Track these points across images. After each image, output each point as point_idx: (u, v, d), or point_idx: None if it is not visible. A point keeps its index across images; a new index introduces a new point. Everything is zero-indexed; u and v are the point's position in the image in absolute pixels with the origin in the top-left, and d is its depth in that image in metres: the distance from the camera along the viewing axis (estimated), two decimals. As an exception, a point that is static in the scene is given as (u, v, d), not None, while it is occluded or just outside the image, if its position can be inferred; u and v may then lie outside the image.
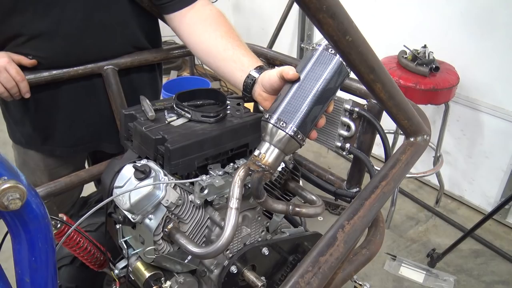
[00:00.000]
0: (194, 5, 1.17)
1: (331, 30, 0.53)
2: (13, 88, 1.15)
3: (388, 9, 2.76)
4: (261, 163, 0.78)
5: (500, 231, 2.59)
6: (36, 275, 0.41)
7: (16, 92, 1.17)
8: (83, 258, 1.08)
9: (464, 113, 2.59)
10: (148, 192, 0.86)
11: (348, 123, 1.01)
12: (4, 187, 0.35)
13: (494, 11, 2.28)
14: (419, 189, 2.96)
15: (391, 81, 0.69)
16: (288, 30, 3.47)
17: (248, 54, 1.03)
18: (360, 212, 0.66)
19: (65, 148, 1.37)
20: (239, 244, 1.02)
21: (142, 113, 1.00)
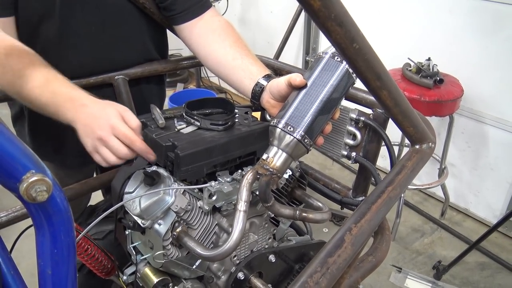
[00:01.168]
0: (203, 16, 1.20)
1: (339, 38, 0.55)
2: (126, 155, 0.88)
3: (392, 22, 2.80)
4: (269, 166, 0.80)
5: (506, 244, 2.57)
6: (57, 268, 0.42)
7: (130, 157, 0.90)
8: (91, 265, 1.10)
9: (469, 125, 2.60)
10: (158, 197, 0.87)
11: (354, 132, 1.03)
12: (33, 179, 0.37)
13: (497, 23, 2.30)
14: (424, 201, 2.95)
15: (397, 89, 0.71)
16: (293, 44, 3.51)
17: (256, 63, 1.06)
18: (367, 215, 0.67)
19: (76, 158, 1.38)
20: (246, 251, 1.03)
21: (152, 121, 1.02)
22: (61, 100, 0.90)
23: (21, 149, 0.38)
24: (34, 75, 0.92)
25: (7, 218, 1.03)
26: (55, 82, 0.93)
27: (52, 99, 0.90)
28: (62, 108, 0.90)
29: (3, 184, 0.38)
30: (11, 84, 0.93)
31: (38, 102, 0.92)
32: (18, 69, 0.92)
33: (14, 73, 0.92)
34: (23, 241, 1.04)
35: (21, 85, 0.92)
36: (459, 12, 2.45)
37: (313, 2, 0.49)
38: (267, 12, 3.78)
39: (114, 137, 0.85)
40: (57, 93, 0.91)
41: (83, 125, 0.88)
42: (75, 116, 0.89)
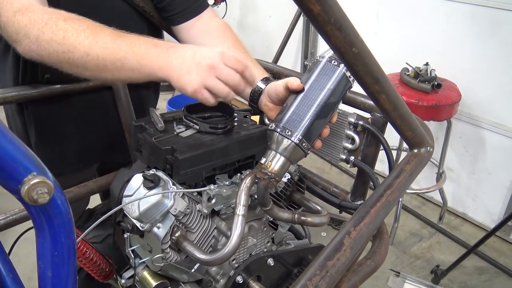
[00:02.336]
0: (201, 16, 1.20)
1: (338, 42, 0.56)
2: (239, 85, 0.87)
3: (390, 27, 2.82)
4: (267, 170, 0.80)
5: (504, 248, 2.58)
6: (58, 270, 0.42)
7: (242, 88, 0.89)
8: (89, 269, 1.10)
9: (467, 130, 2.62)
10: (157, 201, 0.87)
11: (353, 136, 1.03)
12: (34, 181, 0.37)
13: (494, 28, 2.32)
14: (422, 206, 2.96)
15: (395, 93, 0.72)
16: (292, 48, 3.52)
17: (254, 66, 1.06)
18: (366, 219, 0.67)
19: (74, 165, 1.37)
20: (245, 254, 1.03)
21: (151, 125, 1.03)
22: (143, 48, 0.85)
23: (22, 151, 0.38)
24: (103, 32, 0.87)
25: (6, 221, 1.03)
26: (129, 35, 0.88)
27: (132, 49, 0.85)
28: (147, 56, 0.85)
29: (4, 186, 0.38)
30: (77, 46, 0.87)
31: (113, 59, 0.86)
32: (83, 29, 0.87)
33: (79, 34, 0.87)
34: (20, 245, 1.04)
35: (90, 45, 0.86)
36: (457, 17, 2.46)
37: (312, 6, 0.49)
38: (265, 17, 3.80)
39: (226, 64, 0.82)
40: (135, 42, 0.86)
41: (182, 63, 0.83)
42: (166, 60, 0.84)
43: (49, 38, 0.87)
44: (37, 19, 0.88)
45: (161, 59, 0.84)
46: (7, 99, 1.14)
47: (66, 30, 0.87)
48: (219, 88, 0.84)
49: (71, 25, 0.87)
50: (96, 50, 0.86)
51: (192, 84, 0.83)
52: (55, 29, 0.87)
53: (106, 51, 0.85)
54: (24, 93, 1.15)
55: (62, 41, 0.86)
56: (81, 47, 0.86)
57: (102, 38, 0.86)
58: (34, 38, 0.88)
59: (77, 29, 0.87)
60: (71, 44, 0.86)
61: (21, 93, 1.15)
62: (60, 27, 0.87)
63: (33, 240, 0.55)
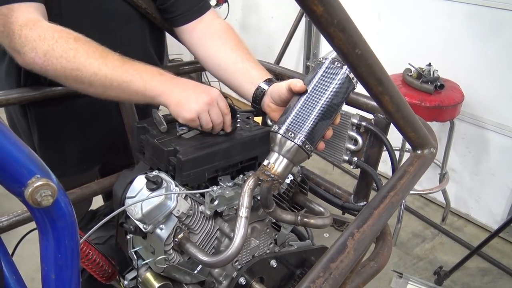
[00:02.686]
0: (203, 17, 1.20)
1: (341, 43, 0.56)
2: (219, 125, 0.98)
3: (392, 27, 2.81)
4: (270, 172, 0.80)
5: (507, 250, 2.57)
6: (61, 272, 0.42)
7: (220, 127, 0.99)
8: (91, 270, 1.10)
9: (469, 131, 2.61)
10: (159, 202, 0.87)
11: (355, 137, 1.03)
12: (38, 184, 0.37)
13: (496, 29, 2.31)
14: (425, 207, 2.95)
15: (399, 94, 0.71)
16: (294, 49, 3.52)
17: (257, 67, 1.06)
18: (369, 221, 0.67)
19: (77, 166, 1.38)
20: (247, 256, 1.03)
21: (154, 126, 1.03)
22: (149, 74, 0.94)
23: (26, 154, 0.38)
24: (110, 56, 0.94)
25: (9, 222, 1.03)
26: (135, 62, 0.96)
27: (139, 74, 0.93)
28: (152, 81, 0.93)
29: (8, 188, 0.38)
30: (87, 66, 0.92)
31: (120, 81, 0.92)
32: (93, 51, 0.93)
33: (89, 55, 0.92)
34: (23, 246, 1.04)
35: (99, 66, 0.92)
36: (459, 17, 2.46)
37: (315, 8, 0.49)
38: (268, 18, 3.80)
39: (214, 109, 0.93)
40: (141, 69, 0.94)
41: (183, 91, 0.93)
42: (168, 88, 0.93)
43: (59, 55, 0.91)
44: (47, 35, 0.92)
45: (165, 86, 0.94)
46: (9, 101, 1.14)
47: (77, 49, 0.92)
48: (207, 122, 0.94)
49: (82, 46, 0.92)
50: (105, 72, 0.92)
51: (191, 113, 0.93)
52: (66, 48, 0.91)
53: (115, 73, 0.92)
54: (27, 94, 1.15)
55: (73, 60, 0.91)
56: (91, 67, 0.91)
57: (111, 61, 0.93)
58: (42, 53, 0.92)
59: (87, 51, 0.92)
60: (81, 63, 0.91)
61: (24, 95, 1.15)
62: (71, 46, 0.92)
63: (36, 241, 0.55)
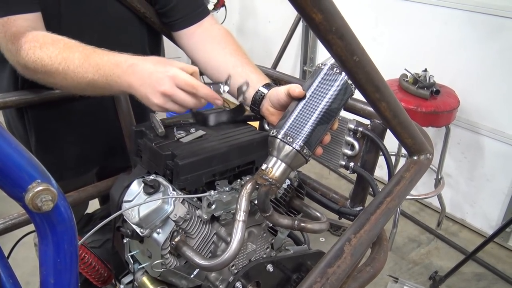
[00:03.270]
0: (202, 23, 1.21)
1: (339, 50, 0.56)
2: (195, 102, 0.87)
3: (389, 33, 2.83)
4: (268, 177, 0.80)
5: (502, 255, 2.58)
6: (60, 277, 0.42)
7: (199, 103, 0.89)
8: (87, 274, 1.09)
9: (465, 136, 2.62)
10: (157, 206, 0.87)
11: (352, 142, 1.04)
12: (38, 189, 0.37)
13: (493, 35, 2.33)
14: (420, 212, 2.96)
15: (396, 100, 0.72)
16: (291, 53, 3.53)
17: (256, 72, 1.07)
18: (366, 226, 0.68)
19: (74, 169, 1.37)
20: (244, 260, 1.03)
21: (152, 130, 1.03)
22: (107, 69, 0.87)
23: (27, 159, 0.38)
24: (72, 56, 0.91)
25: (4, 225, 1.03)
26: (95, 55, 0.90)
27: (98, 72, 0.88)
28: (112, 77, 0.87)
29: (8, 193, 0.38)
30: (54, 73, 0.92)
31: (86, 81, 0.89)
32: (55, 55, 0.91)
33: (54, 61, 0.91)
34: (18, 249, 1.04)
35: (64, 70, 0.90)
36: (455, 23, 2.48)
37: (314, 15, 0.50)
38: (265, 22, 3.81)
39: (178, 88, 0.82)
40: (100, 64, 0.88)
41: (141, 85, 0.84)
42: (128, 79, 0.86)
43: (33, 66, 0.94)
44: (21, 48, 0.94)
45: (124, 79, 0.87)
46: (7, 104, 1.14)
47: (42, 58, 0.92)
48: (175, 109, 0.87)
49: (45, 52, 0.92)
50: (71, 75, 0.91)
51: (154, 106, 0.87)
52: (34, 59, 0.93)
53: (78, 75, 0.90)
54: (24, 97, 1.15)
55: (43, 69, 0.93)
56: (58, 74, 0.92)
57: (72, 62, 0.90)
58: (23, 65, 0.95)
59: (51, 56, 0.92)
60: (49, 71, 0.92)
61: (21, 98, 1.15)
62: (37, 56, 0.92)
63: (31, 245, 0.55)
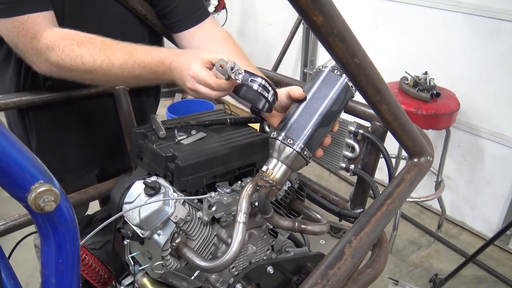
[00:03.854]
0: (202, 25, 1.21)
1: (340, 53, 0.57)
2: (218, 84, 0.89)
3: (389, 36, 2.84)
4: (268, 178, 0.81)
5: (502, 258, 2.57)
6: (62, 277, 0.42)
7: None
8: (87, 275, 1.09)
9: (465, 139, 2.62)
10: (157, 208, 0.87)
11: (353, 144, 1.04)
12: (41, 190, 0.37)
13: (493, 38, 2.34)
14: (421, 214, 2.96)
15: (396, 103, 0.72)
16: (291, 56, 3.54)
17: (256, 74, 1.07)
18: (366, 228, 0.68)
19: (75, 171, 1.38)
20: (244, 262, 1.03)
21: (153, 132, 1.03)
22: (153, 66, 0.96)
23: (30, 159, 0.38)
24: (114, 53, 0.96)
25: (5, 226, 1.03)
26: (137, 53, 0.97)
27: (145, 68, 0.96)
28: (158, 72, 0.96)
29: (11, 193, 0.39)
30: (96, 69, 0.96)
31: (131, 76, 0.97)
32: (97, 53, 0.96)
33: (95, 59, 0.96)
34: (18, 251, 1.04)
35: (108, 67, 0.96)
36: (455, 26, 2.48)
37: (316, 18, 0.50)
38: (265, 24, 3.82)
39: (198, 84, 0.89)
40: (145, 62, 0.96)
41: (179, 80, 0.93)
42: (171, 75, 0.95)
43: (70, 64, 0.96)
44: (54, 46, 0.96)
45: (168, 75, 0.95)
46: (9, 105, 1.15)
47: (83, 56, 0.95)
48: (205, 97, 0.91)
49: (85, 50, 0.96)
50: (115, 71, 0.96)
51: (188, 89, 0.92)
52: (73, 56, 0.95)
53: (124, 72, 0.96)
54: (26, 99, 1.16)
55: (82, 67, 0.96)
56: (100, 70, 0.96)
57: (116, 59, 0.96)
58: (55, 63, 0.97)
59: (92, 54, 0.96)
60: (91, 68, 0.96)
61: (23, 99, 1.16)
62: (77, 53, 0.96)
63: (32, 246, 0.55)
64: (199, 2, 1.25)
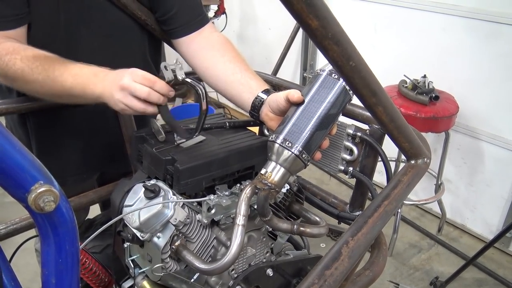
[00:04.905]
0: (201, 30, 1.23)
1: (335, 56, 0.57)
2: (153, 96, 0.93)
3: (388, 40, 2.85)
4: (267, 181, 0.81)
5: (503, 260, 2.57)
6: (61, 277, 0.43)
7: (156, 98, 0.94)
8: (88, 279, 1.10)
9: (464, 142, 2.63)
10: (157, 210, 0.88)
11: (351, 147, 1.05)
12: (41, 190, 0.38)
13: (490, 41, 2.35)
14: (421, 217, 2.96)
15: (392, 105, 0.73)
16: (291, 60, 3.55)
17: (255, 78, 1.09)
18: (363, 229, 0.68)
19: (76, 176, 1.38)
20: (244, 265, 1.03)
21: (152, 135, 1.04)
22: (84, 78, 0.97)
23: (30, 160, 0.39)
24: (52, 68, 1.00)
25: (6, 230, 1.04)
26: (74, 67, 1.00)
27: (76, 80, 0.97)
28: (88, 85, 0.96)
29: (11, 194, 0.39)
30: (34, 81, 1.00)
31: (63, 89, 0.98)
32: (36, 66, 1.00)
33: (33, 72, 1.00)
34: (19, 255, 1.04)
35: (43, 80, 0.99)
36: (453, 30, 2.50)
37: (311, 21, 0.51)
38: (265, 29, 3.84)
39: (135, 82, 0.91)
40: (78, 74, 0.98)
41: (108, 87, 0.94)
42: (102, 85, 0.95)
43: (12, 77, 1.02)
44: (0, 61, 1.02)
45: (98, 87, 0.96)
46: (9, 110, 1.15)
47: (23, 69, 1.00)
48: (134, 104, 0.92)
49: (27, 64, 1.00)
50: (49, 84, 0.99)
51: (117, 105, 0.94)
52: (15, 69, 1.01)
53: (57, 84, 0.99)
54: (26, 104, 1.17)
55: (22, 78, 1.01)
56: (37, 82, 1.00)
57: (52, 73, 0.99)
58: (3, 76, 1.04)
59: (31, 67, 1.00)
60: (29, 80, 1.01)
61: (23, 104, 1.16)
62: (18, 67, 1.01)
63: (32, 251, 0.56)
64: (199, 8, 1.26)
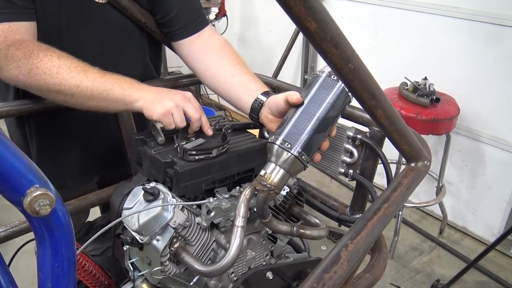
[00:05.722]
0: (201, 33, 1.23)
1: (334, 58, 0.57)
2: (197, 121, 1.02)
3: (389, 42, 2.85)
4: (266, 182, 0.81)
5: (505, 263, 2.56)
6: (58, 281, 0.43)
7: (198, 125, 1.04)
8: (87, 281, 1.10)
9: (466, 144, 2.62)
10: (156, 213, 0.88)
11: (351, 149, 1.04)
12: (36, 194, 0.38)
13: (491, 44, 2.35)
14: (422, 220, 2.95)
15: (392, 107, 0.73)
16: (292, 62, 3.56)
17: (254, 80, 1.09)
18: (363, 232, 0.68)
19: (77, 178, 1.38)
20: (243, 268, 1.03)
21: (152, 138, 1.04)
22: (127, 83, 1.02)
23: (25, 164, 0.39)
24: (91, 70, 1.01)
25: (6, 233, 1.03)
26: (113, 74, 1.03)
27: (118, 83, 1.01)
28: (129, 89, 1.01)
29: (7, 197, 0.39)
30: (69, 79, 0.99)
31: (101, 89, 1.00)
32: (74, 66, 1.00)
33: (71, 70, 0.99)
34: (19, 258, 1.04)
35: (81, 79, 0.99)
36: (454, 32, 2.50)
37: (309, 24, 0.51)
38: (266, 32, 3.84)
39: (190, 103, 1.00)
40: (120, 79, 1.02)
41: (155, 97, 0.99)
42: (144, 94, 1.01)
43: (43, 72, 0.98)
44: (32, 54, 0.98)
45: (142, 92, 1.00)
46: (9, 112, 1.15)
47: (60, 66, 0.99)
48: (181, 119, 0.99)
49: (64, 62, 0.99)
50: (86, 83, 0.99)
51: (163, 107, 0.98)
52: (50, 65, 0.98)
53: (96, 84, 0.99)
54: (26, 106, 1.17)
55: (56, 75, 0.98)
56: (73, 80, 0.99)
57: (92, 74, 1.00)
58: (26, 71, 0.99)
59: (70, 66, 1.00)
60: (64, 78, 0.98)
61: (23, 107, 1.16)
62: (55, 63, 0.99)
63: (32, 253, 0.56)
64: (199, 10, 1.26)
